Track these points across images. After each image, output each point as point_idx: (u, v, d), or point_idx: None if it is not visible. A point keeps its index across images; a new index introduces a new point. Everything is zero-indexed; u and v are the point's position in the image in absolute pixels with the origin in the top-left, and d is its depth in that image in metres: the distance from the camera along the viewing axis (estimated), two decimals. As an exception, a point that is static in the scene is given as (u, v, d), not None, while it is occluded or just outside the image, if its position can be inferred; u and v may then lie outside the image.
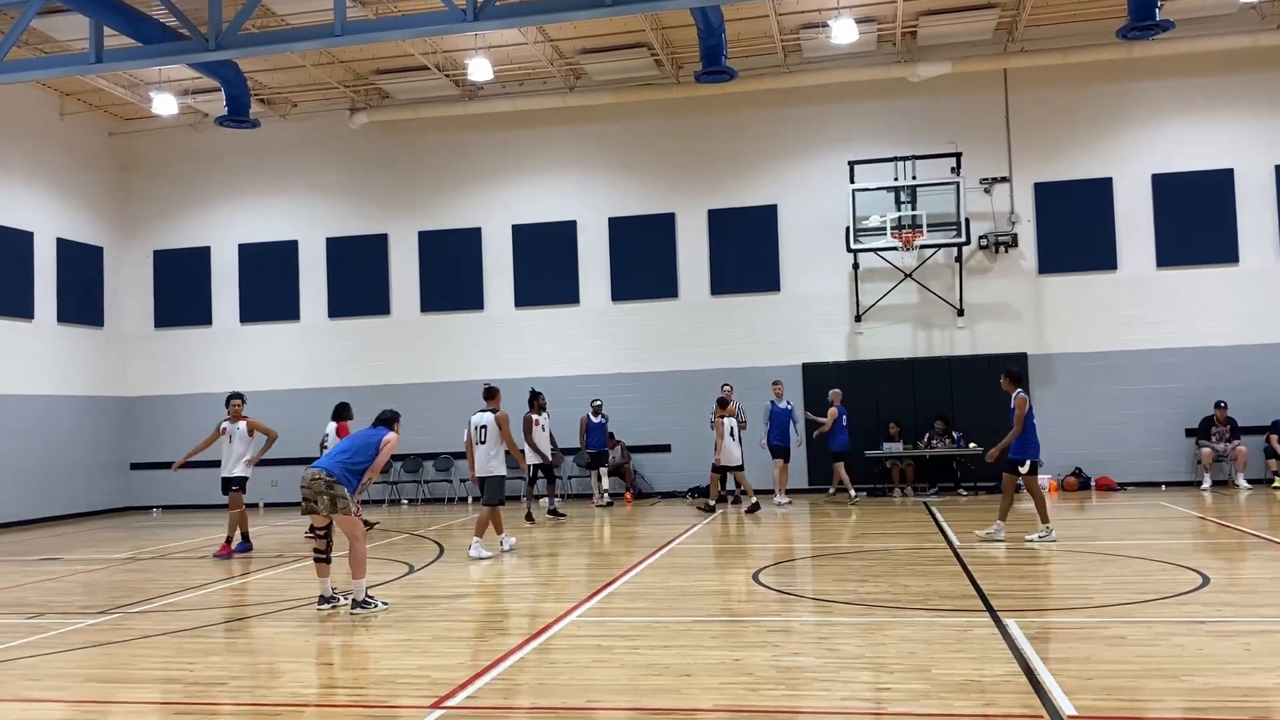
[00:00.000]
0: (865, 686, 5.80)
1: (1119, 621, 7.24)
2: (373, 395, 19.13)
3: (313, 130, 21.05)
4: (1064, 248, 18.41)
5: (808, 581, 9.72)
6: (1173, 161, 18.16)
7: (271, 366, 21.00)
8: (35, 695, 6.34)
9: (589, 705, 5.67)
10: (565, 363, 19.78)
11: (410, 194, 20.80)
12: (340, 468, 8.54)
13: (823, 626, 7.50)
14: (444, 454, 20.11)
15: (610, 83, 19.44)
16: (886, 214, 17.87)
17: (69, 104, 20.11)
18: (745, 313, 19.39)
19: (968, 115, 18.71)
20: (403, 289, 20.77)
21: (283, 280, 21.11)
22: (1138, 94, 18.35)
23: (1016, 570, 9.85)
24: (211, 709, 5.90)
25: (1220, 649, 6.32)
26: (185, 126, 21.08)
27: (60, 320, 19.91)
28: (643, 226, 19.86)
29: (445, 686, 6.06)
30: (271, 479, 19.85)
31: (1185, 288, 17.99)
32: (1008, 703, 5.37)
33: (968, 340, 18.61)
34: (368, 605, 8.50)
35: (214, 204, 21.57)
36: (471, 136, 20.50)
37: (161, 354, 21.56)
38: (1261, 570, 9.49)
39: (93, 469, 20.48)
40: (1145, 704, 5.33)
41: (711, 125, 19.68)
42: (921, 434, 18.24)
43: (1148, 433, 17.94)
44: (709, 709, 5.50)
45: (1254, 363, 17.60)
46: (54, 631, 8.29)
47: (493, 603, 9.24)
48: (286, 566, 11.69)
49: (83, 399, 20.37)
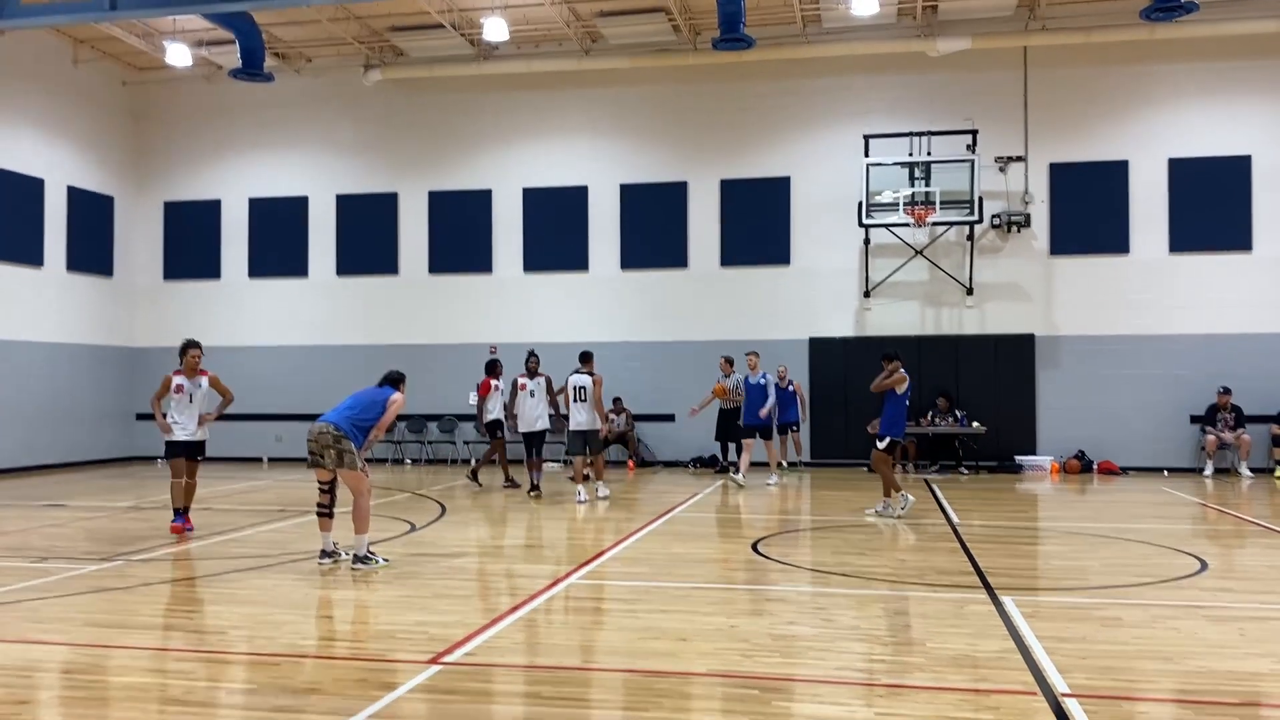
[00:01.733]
0: (859, 657, 5.84)
1: (1116, 603, 7.27)
2: (379, 355, 19.22)
3: (326, 86, 20.95)
4: (1076, 230, 18.31)
5: (806, 553, 9.76)
6: (1190, 146, 18.01)
7: (279, 322, 21.03)
8: (37, 637, 6.41)
9: (585, 665, 5.72)
10: (571, 329, 19.74)
11: (422, 153, 20.72)
12: (348, 423, 8.57)
13: (819, 597, 7.54)
14: (448, 415, 20.17)
15: (627, 47, 19.28)
16: (900, 190, 17.77)
17: (83, 51, 20.02)
18: (754, 285, 19.34)
19: (985, 92, 18.55)
20: (411, 249, 20.74)
21: (292, 236, 21.10)
22: (1158, 77, 18.17)
23: (1015, 549, 9.88)
24: (211, 657, 5.96)
25: (1215, 633, 6.35)
26: (199, 78, 20.99)
27: (69, 268, 19.94)
28: (654, 194, 19.78)
29: (444, 643, 6.11)
30: (276, 434, 19.97)
31: (1197, 274, 17.89)
32: (1001, 678, 5.40)
33: (976, 319, 18.56)
34: (369, 561, 8.56)
35: (226, 157, 21.52)
36: (485, 97, 20.39)
37: (169, 306, 21.59)
38: (1260, 557, 9.51)
39: (98, 418, 20.58)
40: (1139, 685, 5.36)
41: (727, 94, 19.54)
42: (925, 412, 18.24)
43: (1152, 418, 17.92)
44: (704, 673, 5.54)
45: (1263, 351, 17.53)
46: (57, 576, 8.36)
47: (493, 563, 9.30)
48: (289, 520, 11.76)
49: (90, 347, 20.44)
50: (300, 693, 5.21)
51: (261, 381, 19.68)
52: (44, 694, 5.40)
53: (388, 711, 4.91)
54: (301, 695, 5.17)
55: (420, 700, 5.11)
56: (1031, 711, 4.87)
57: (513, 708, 5.11)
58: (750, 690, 5.23)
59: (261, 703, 5.06)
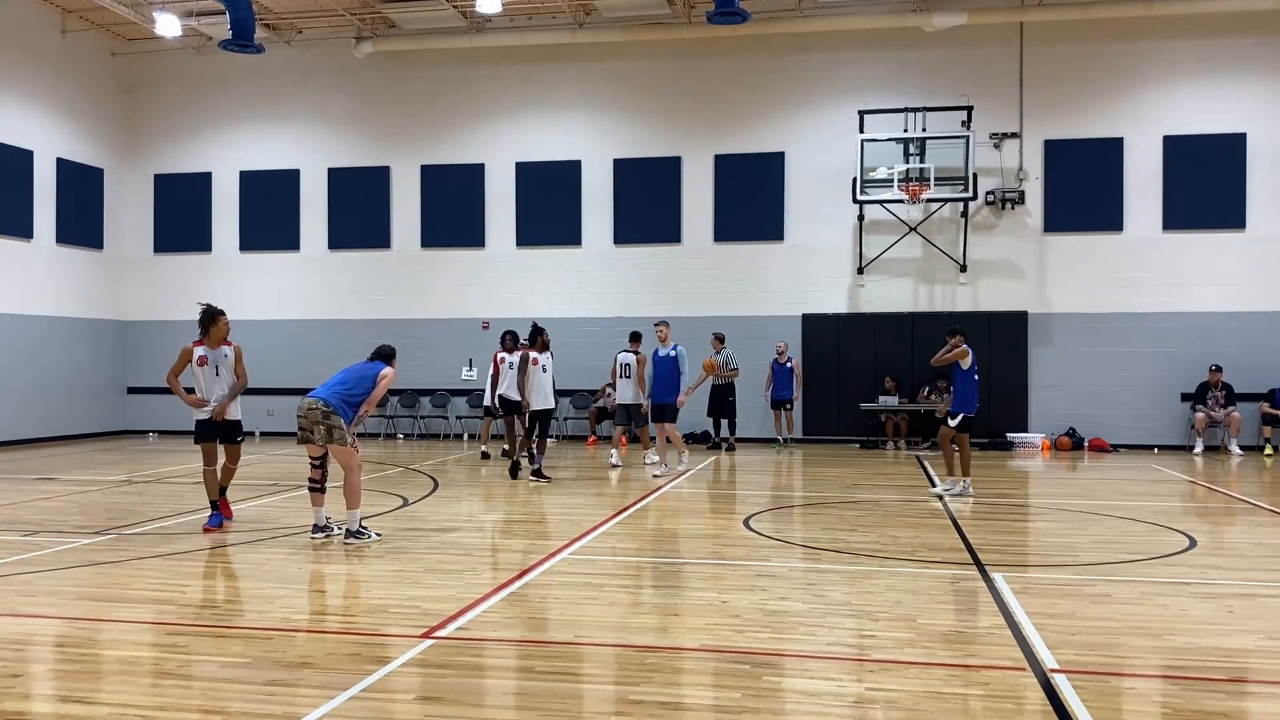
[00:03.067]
0: (850, 633, 5.87)
1: (1105, 580, 7.31)
2: (371, 329, 19.19)
3: (317, 58, 20.77)
4: (1071, 207, 18.29)
5: (798, 529, 9.79)
6: (1186, 124, 17.98)
7: (270, 296, 20.95)
8: (29, 611, 6.41)
9: (576, 640, 5.74)
10: (564, 304, 19.74)
11: (414, 127, 20.59)
12: (338, 398, 8.55)
13: (811, 573, 7.57)
14: (440, 390, 20.16)
15: (620, 20, 19.14)
16: (894, 166, 17.74)
17: (71, 21, 19.80)
18: (747, 261, 19.31)
19: (981, 69, 18.48)
20: (404, 223, 20.64)
21: (284, 210, 20.98)
22: (1154, 54, 18.10)
23: (1005, 526, 9.92)
24: (204, 630, 5.97)
25: (1203, 610, 6.39)
26: (189, 49, 20.79)
27: (59, 241, 19.81)
28: (648, 169, 19.69)
29: (436, 617, 6.13)
30: (268, 408, 19.93)
31: (1190, 252, 17.91)
32: (991, 654, 5.43)
33: (969, 296, 18.57)
34: (361, 536, 8.57)
35: (216, 130, 21.36)
36: (477, 70, 20.24)
37: (160, 279, 21.49)
38: (1248, 535, 9.56)
39: (90, 391, 20.52)
40: (1127, 660, 5.40)
41: (722, 68, 19.43)
42: (918, 388, 18.28)
43: (1144, 396, 17.98)
44: (695, 648, 5.57)
45: (1255, 329, 17.58)
46: (49, 549, 8.36)
47: (485, 538, 9.32)
48: (281, 495, 11.76)
49: (81, 321, 20.34)
50: (293, 667, 5.22)
51: (253, 356, 19.06)
52: (36, 667, 5.41)
53: (380, 685, 4.93)
54: (294, 669, 5.18)
55: (413, 674, 5.13)
56: (1020, 687, 4.91)
57: (504, 682, 5.13)
58: (741, 665, 5.25)
59: (254, 676, 5.07)
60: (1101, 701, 4.70)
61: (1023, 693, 4.83)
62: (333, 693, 4.80)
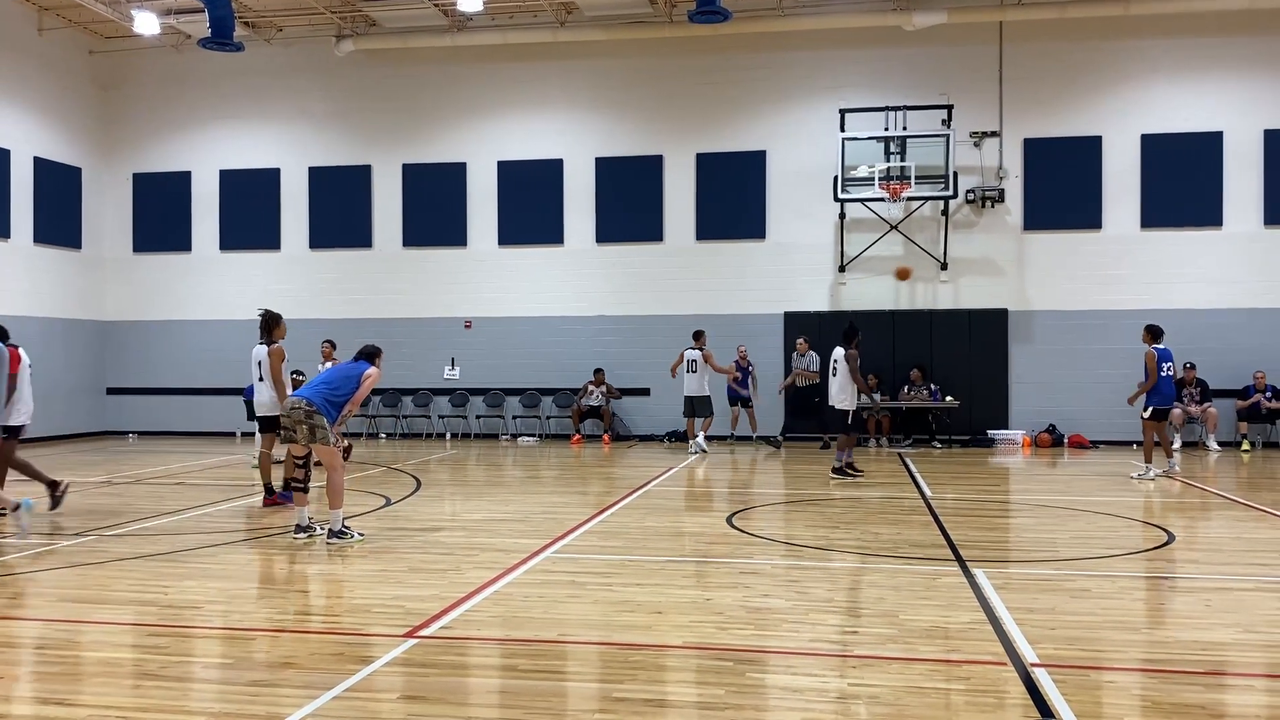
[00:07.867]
0: (832, 629, 5.90)
1: (1084, 575, 7.37)
2: (352, 328, 19.08)
3: (298, 56, 20.67)
4: (1050, 205, 18.41)
5: (780, 526, 9.83)
6: (1163, 122, 18.13)
7: (251, 296, 20.72)
8: (9, 613, 6.36)
9: (560, 639, 5.74)
10: (547, 303, 19.73)
11: (395, 126, 20.52)
12: (321, 398, 8.53)
13: (793, 570, 7.60)
14: (423, 389, 20.11)
15: (602, 19, 19.13)
16: (875, 164, 17.83)
17: (47, 19, 19.64)
18: (729, 259, 19.34)
19: (961, 67, 18.58)
20: (385, 222, 20.57)
21: (264, 209, 20.87)
22: (1132, 52, 18.24)
23: (986, 522, 9.98)
24: (186, 632, 5.95)
25: (1182, 604, 6.46)
26: (168, 48, 20.65)
27: (37, 241, 19.65)
28: (630, 168, 19.70)
29: (419, 617, 6.13)
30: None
31: (1168, 249, 18.05)
32: (972, 649, 5.47)
33: (950, 294, 18.66)
34: (344, 535, 8.54)
35: (195, 128, 21.22)
36: (459, 69, 20.20)
37: (140, 279, 21.34)
38: (1225, 530, 9.66)
39: (69, 392, 20.34)
40: (1106, 654, 5.45)
41: (703, 67, 19.46)
42: (900, 386, 18.35)
43: (1123, 392, 17.86)
44: (679, 645, 5.59)
45: (1230, 326, 17.74)
46: (29, 552, 8.30)
47: (468, 537, 9.30)
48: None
49: (59, 321, 20.18)
50: (276, 667, 5.21)
51: (233, 355, 19.46)
52: (17, 670, 5.37)
53: (364, 685, 4.92)
54: (277, 670, 5.17)
55: (396, 674, 5.13)
56: (1001, 681, 4.95)
57: (488, 680, 5.14)
58: (724, 662, 5.27)
59: (237, 677, 5.05)
60: (1082, 695, 4.74)
61: (1004, 687, 4.87)
62: (316, 693, 4.79)
